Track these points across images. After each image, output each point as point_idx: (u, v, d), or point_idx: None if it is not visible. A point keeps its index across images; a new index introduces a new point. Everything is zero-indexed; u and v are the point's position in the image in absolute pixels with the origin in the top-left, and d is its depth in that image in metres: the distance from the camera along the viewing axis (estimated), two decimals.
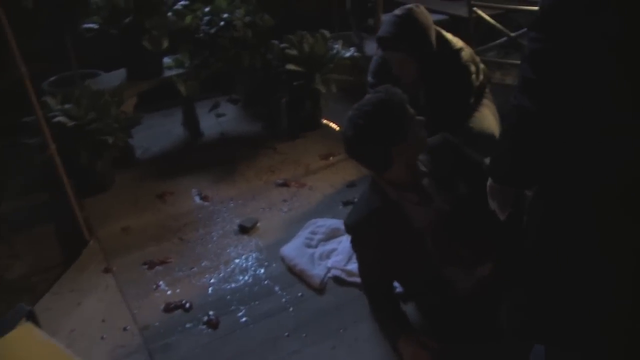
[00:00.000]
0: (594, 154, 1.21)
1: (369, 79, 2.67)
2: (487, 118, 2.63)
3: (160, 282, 2.35)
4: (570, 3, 1.14)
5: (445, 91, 2.44)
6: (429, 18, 2.39)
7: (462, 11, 3.29)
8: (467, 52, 2.49)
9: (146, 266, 2.45)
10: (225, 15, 3.34)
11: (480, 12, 3.08)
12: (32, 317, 1.80)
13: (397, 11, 2.37)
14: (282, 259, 2.44)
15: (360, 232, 1.95)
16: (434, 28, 2.41)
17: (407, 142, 1.80)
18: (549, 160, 1.28)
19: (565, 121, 1.20)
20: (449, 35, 2.50)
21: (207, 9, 3.40)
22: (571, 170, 1.26)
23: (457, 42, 2.50)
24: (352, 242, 2.01)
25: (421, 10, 2.37)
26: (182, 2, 3.33)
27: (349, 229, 1.98)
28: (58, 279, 2.43)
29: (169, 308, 2.21)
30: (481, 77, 2.65)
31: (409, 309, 2.09)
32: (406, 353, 1.90)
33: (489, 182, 1.52)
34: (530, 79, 1.20)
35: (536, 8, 2.89)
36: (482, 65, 2.66)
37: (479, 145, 2.56)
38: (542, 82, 1.19)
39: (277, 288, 2.28)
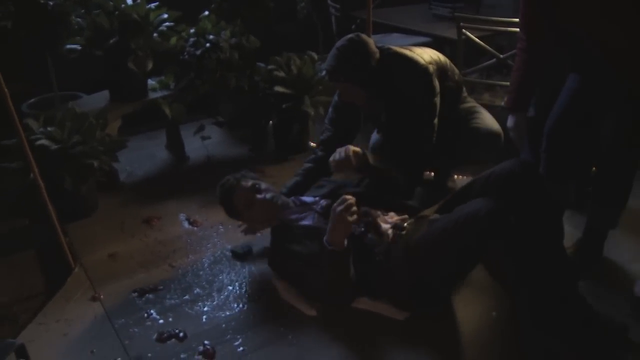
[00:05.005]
0: None
1: (330, 111, 2.78)
2: (488, 116, 2.66)
3: (152, 311, 2.25)
4: None
5: (407, 98, 2.49)
6: (368, 46, 2.46)
7: (451, 33, 3.31)
8: (425, 57, 2.53)
9: (136, 294, 2.35)
10: (211, 37, 3.30)
11: (469, 33, 3.10)
12: (22, 353, 1.70)
13: (338, 42, 2.48)
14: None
15: (274, 264, 2.38)
16: (376, 52, 2.47)
17: (243, 219, 2.47)
18: None
19: None
20: (405, 51, 2.55)
21: (192, 31, 3.36)
22: None
23: (411, 53, 2.54)
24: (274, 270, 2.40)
25: (360, 40, 2.46)
26: (166, 24, 3.28)
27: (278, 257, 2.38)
28: (42, 308, 2.31)
29: (161, 338, 2.11)
30: (455, 76, 2.67)
31: None
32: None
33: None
34: None
35: None
36: (454, 68, 2.69)
37: (487, 144, 2.58)
38: None
39: (274, 315, 2.20)
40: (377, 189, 2.46)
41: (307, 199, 2.44)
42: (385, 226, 2.20)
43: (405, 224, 2.15)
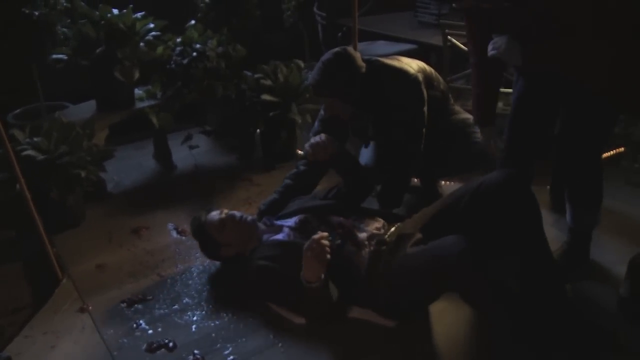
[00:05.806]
0: None
1: (316, 124, 2.75)
2: None
3: (141, 321, 2.24)
4: None
5: (397, 108, 2.48)
6: (354, 60, 2.44)
7: (436, 39, 3.34)
8: (413, 66, 2.53)
9: (124, 304, 2.33)
10: (198, 46, 3.31)
11: (454, 40, 3.13)
12: None
13: (324, 56, 2.46)
14: None
15: (258, 278, 2.25)
16: (363, 66, 2.46)
17: (222, 247, 2.35)
18: None
19: None
20: (393, 62, 2.55)
21: (178, 40, 3.36)
22: None
23: (400, 64, 2.54)
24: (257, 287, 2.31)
25: (346, 54, 2.43)
26: (153, 33, 3.28)
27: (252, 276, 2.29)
28: (29, 320, 2.28)
29: (151, 348, 2.10)
30: (440, 85, 2.67)
31: None
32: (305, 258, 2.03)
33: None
34: None
35: None
36: (439, 77, 2.69)
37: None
38: None
39: (263, 323, 2.20)
40: (353, 199, 2.48)
41: (279, 221, 2.42)
42: (361, 235, 2.21)
43: (387, 236, 2.14)
